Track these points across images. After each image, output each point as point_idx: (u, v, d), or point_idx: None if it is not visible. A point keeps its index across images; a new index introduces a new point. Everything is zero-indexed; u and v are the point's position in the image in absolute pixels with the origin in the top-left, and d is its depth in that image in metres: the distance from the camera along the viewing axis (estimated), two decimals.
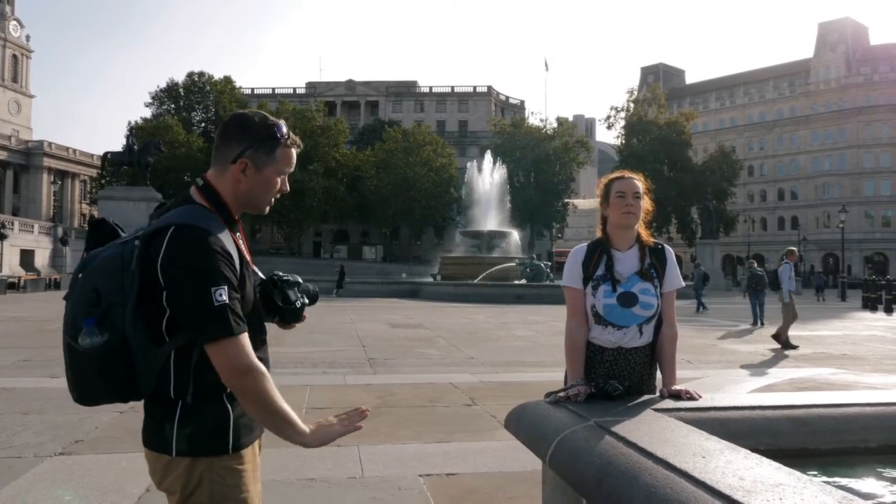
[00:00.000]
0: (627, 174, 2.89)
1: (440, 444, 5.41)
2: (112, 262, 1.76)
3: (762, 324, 18.03)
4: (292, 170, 1.97)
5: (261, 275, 2.05)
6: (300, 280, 2.08)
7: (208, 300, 1.68)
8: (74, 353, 1.77)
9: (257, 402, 1.74)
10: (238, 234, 1.90)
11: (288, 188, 1.98)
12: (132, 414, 6.36)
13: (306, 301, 2.07)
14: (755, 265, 20.52)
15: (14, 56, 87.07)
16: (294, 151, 1.95)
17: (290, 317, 2.05)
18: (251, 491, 1.87)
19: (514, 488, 4.32)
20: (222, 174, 1.88)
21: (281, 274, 2.07)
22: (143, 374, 1.76)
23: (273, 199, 1.98)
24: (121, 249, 1.77)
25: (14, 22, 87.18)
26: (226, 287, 1.70)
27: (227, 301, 1.69)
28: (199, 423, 1.79)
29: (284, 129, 1.91)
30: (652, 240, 2.89)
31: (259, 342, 1.90)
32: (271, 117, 1.92)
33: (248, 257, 1.91)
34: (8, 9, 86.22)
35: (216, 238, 1.75)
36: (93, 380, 1.79)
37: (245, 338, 1.73)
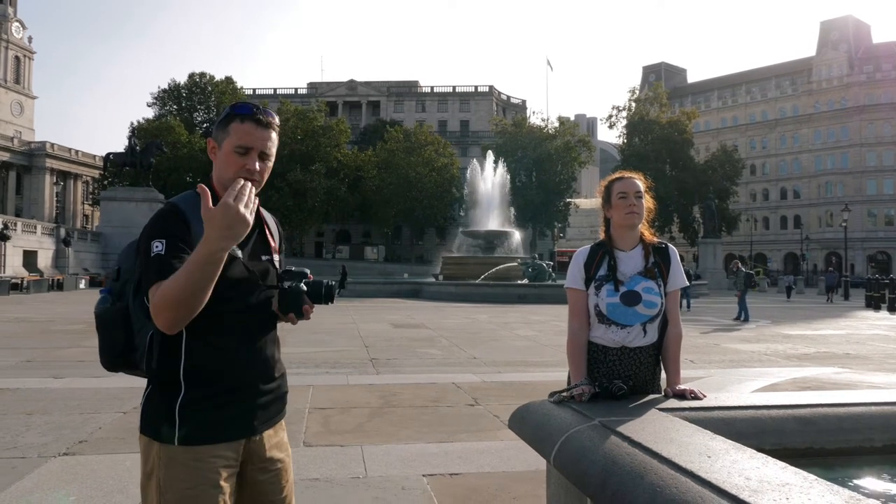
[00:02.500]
0: (627, 174, 2.90)
1: (443, 443, 5.40)
2: (132, 245, 2.00)
3: (747, 319, 19.93)
4: (256, 146, 1.88)
5: (276, 265, 2.05)
6: (306, 272, 2.03)
7: (148, 253, 1.80)
8: (95, 319, 1.99)
9: (178, 300, 1.70)
10: None
11: (256, 167, 1.88)
12: (135, 415, 6.35)
13: (303, 287, 1.97)
14: (740, 265, 23.33)
15: (16, 57, 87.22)
16: (254, 127, 1.88)
17: (284, 303, 1.97)
18: (202, 490, 1.81)
19: (517, 488, 4.32)
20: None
21: (291, 268, 2.06)
22: (139, 347, 1.91)
23: (244, 180, 1.83)
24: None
25: (16, 23, 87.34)
26: (165, 240, 1.79)
27: (163, 253, 1.77)
28: (152, 405, 1.89)
29: (249, 107, 1.91)
30: (655, 239, 2.89)
31: (248, 320, 1.94)
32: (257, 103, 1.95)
33: None
34: (10, 10, 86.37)
35: (181, 210, 1.88)
36: (101, 342, 1.98)
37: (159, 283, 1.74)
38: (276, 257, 2.05)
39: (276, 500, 2.06)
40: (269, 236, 2.04)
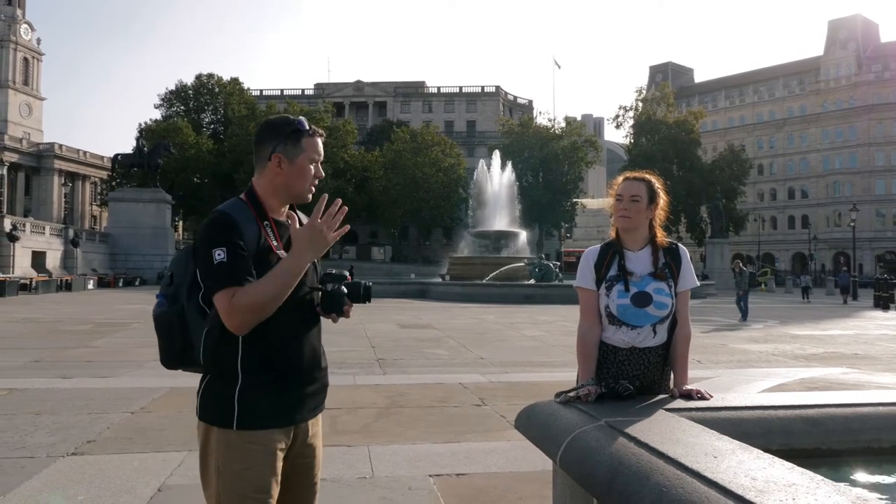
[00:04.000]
0: (632, 175, 2.88)
1: (450, 444, 5.41)
2: (184, 251, 2.18)
3: (745, 318, 20.08)
4: (321, 157, 2.20)
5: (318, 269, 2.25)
6: (345, 273, 2.24)
7: (210, 261, 1.97)
8: (154, 322, 2.15)
9: (263, 305, 1.95)
10: (267, 223, 2.13)
11: (323, 174, 2.21)
12: (143, 415, 6.39)
13: (343, 290, 2.16)
14: (742, 265, 23.57)
15: (25, 59, 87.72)
16: (319, 140, 2.20)
17: (326, 304, 2.16)
18: (257, 470, 1.99)
19: (523, 488, 4.32)
20: (261, 174, 2.16)
21: (332, 270, 2.25)
22: (196, 344, 2.07)
23: (312, 187, 2.19)
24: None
25: (25, 25, 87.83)
26: (226, 248, 1.97)
27: (226, 259, 1.95)
28: (211, 394, 2.06)
29: (306, 123, 2.18)
30: (666, 240, 2.87)
31: (298, 321, 2.14)
32: (293, 116, 2.21)
33: (272, 245, 2.10)
34: (19, 12, 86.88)
35: (234, 218, 2.04)
36: (160, 342, 2.13)
37: (233, 290, 1.94)
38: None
39: (308, 483, 2.23)
40: None
